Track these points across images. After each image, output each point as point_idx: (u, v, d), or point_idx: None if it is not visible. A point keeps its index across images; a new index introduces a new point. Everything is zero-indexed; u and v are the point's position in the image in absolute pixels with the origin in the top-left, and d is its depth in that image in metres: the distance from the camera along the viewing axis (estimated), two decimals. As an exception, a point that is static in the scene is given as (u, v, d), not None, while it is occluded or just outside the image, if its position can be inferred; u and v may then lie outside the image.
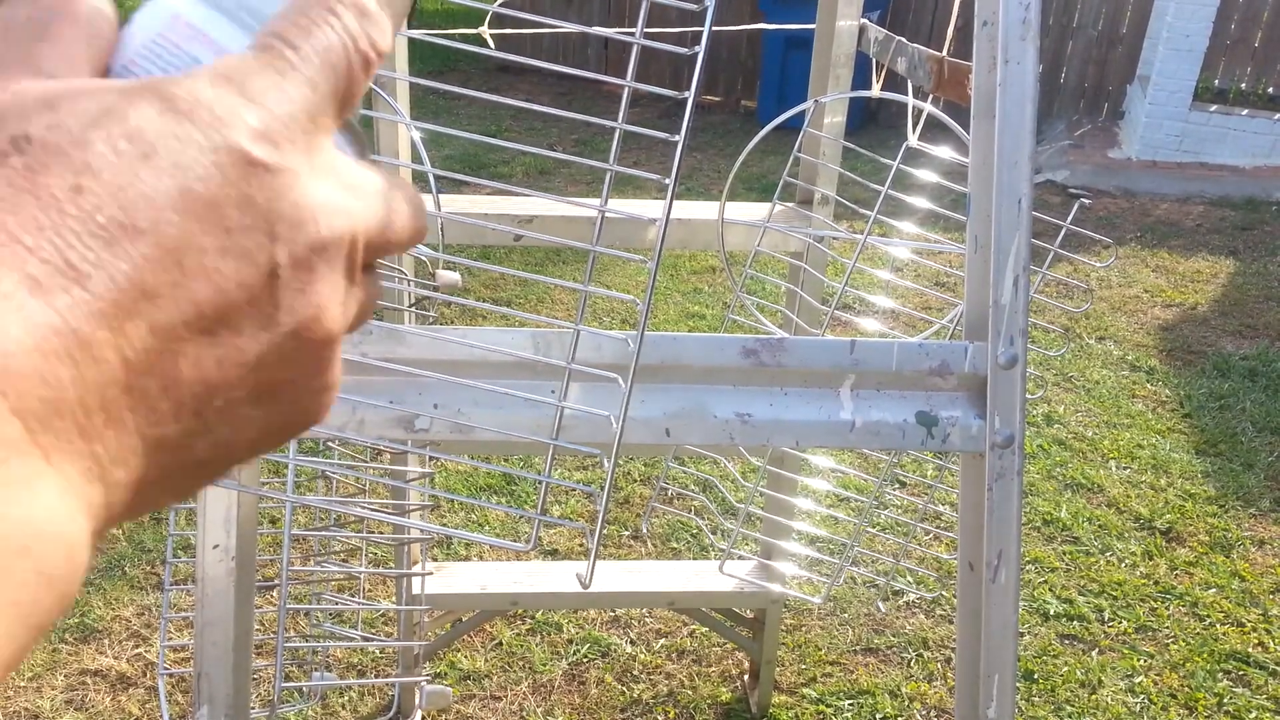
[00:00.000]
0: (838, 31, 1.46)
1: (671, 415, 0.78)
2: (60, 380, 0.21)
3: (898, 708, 2.11)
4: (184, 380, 0.24)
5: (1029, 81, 0.78)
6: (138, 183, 0.23)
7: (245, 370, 0.25)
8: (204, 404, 0.24)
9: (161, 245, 0.23)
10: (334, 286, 0.27)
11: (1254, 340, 3.87)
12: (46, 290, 0.21)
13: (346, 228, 0.27)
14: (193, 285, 0.23)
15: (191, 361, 0.24)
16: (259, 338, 0.25)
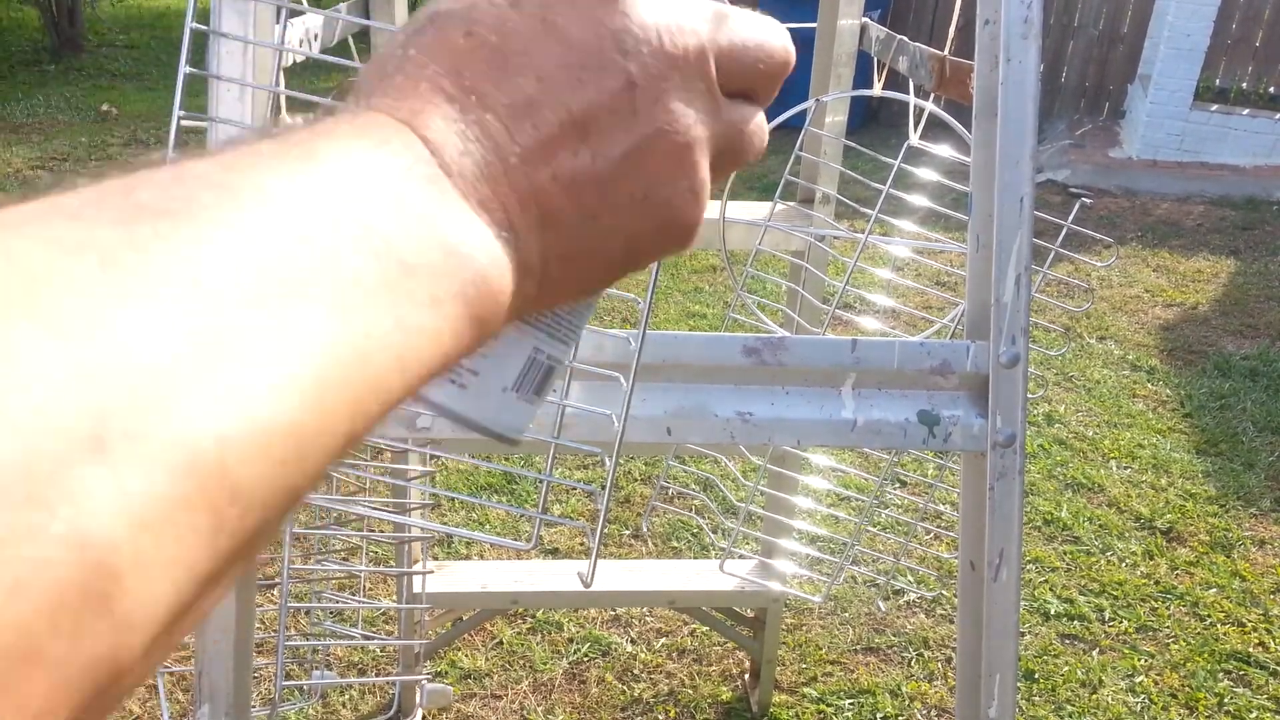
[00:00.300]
0: (839, 30, 1.46)
1: (673, 414, 0.78)
2: (475, 158, 0.28)
3: (898, 707, 2.11)
4: (565, 167, 0.29)
5: (1030, 80, 0.78)
6: (511, 22, 0.29)
7: (615, 164, 0.30)
8: (587, 191, 0.30)
9: (535, 66, 0.29)
10: (689, 98, 0.31)
11: (1255, 340, 3.87)
12: (456, 101, 0.28)
13: (694, 44, 0.31)
14: (563, 94, 0.29)
15: (570, 153, 0.29)
16: (623, 138, 0.30)
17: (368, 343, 0.23)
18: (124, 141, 5.71)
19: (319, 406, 0.21)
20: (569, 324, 0.38)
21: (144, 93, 6.88)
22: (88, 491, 0.16)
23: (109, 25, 8.60)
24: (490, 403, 0.37)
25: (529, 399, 0.38)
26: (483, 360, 0.36)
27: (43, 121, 6.05)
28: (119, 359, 0.18)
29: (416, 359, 0.25)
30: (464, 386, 0.36)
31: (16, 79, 7.00)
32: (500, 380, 0.37)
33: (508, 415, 0.37)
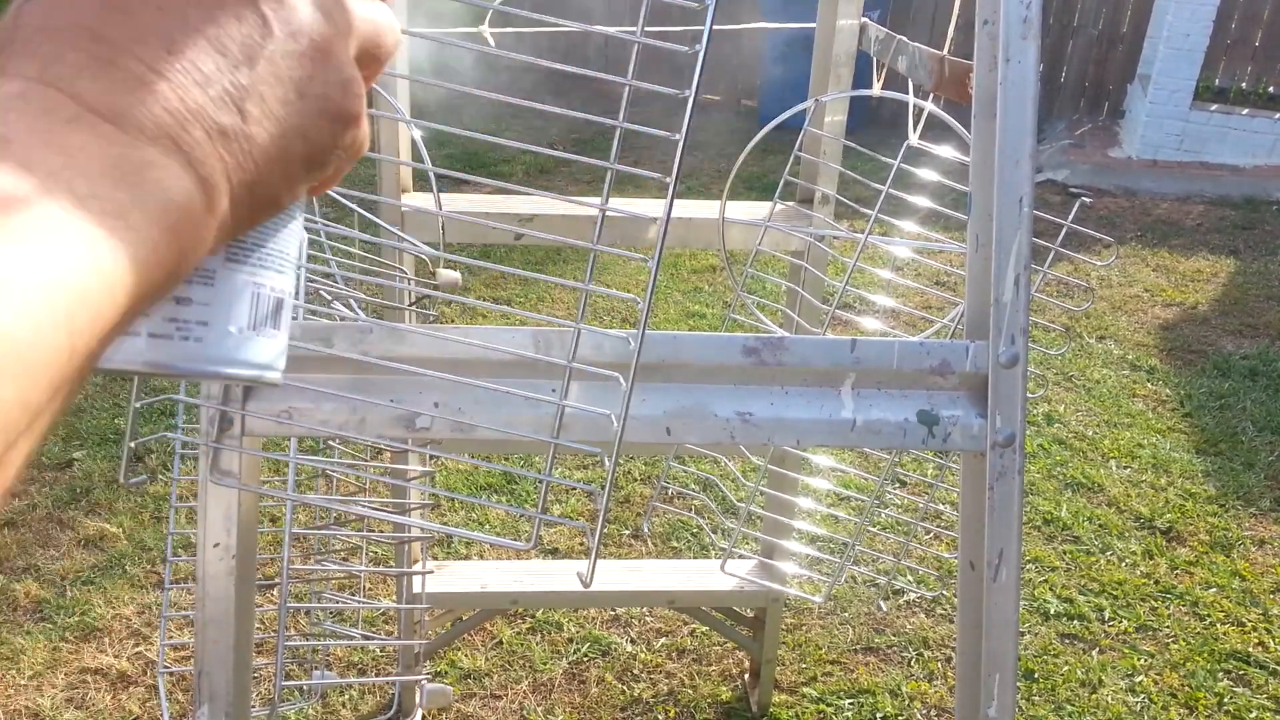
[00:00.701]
0: (838, 30, 1.46)
1: (672, 414, 0.78)
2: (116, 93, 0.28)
3: (898, 707, 2.11)
4: (216, 81, 0.30)
5: (1030, 80, 0.78)
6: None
7: (260, 72, 0.32)
8: (241, 102, 0.31)
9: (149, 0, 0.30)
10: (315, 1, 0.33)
11: (1254, 339, 3.87)
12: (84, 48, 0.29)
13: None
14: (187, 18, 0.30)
15: (214, 68, 0.30)
16: (261, 45, 0.32)
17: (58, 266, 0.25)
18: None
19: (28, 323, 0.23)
20: (279, 253, 0.39)
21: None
22: None
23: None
24: (228, 346, 0.38)
25: (268, 335, 0.39)
26: (206, 309, 0.37)
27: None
28: None
29: (118, 274, 0.26)
30: (200, 340, 0.37)
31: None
32: (231, 322, 0.37)
33: (249, 353, 0.38)
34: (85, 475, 2.69)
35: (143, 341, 0.36)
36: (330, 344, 0.74)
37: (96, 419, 2.94)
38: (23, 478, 1.31)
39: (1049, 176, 5.62)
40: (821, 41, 1.49)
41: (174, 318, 0.36)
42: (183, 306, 0.36)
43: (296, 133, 0.33)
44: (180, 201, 0.29)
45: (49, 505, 2.57)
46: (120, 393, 3.07)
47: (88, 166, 0.27)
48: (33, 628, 2.19)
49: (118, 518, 2.54)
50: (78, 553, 2.42)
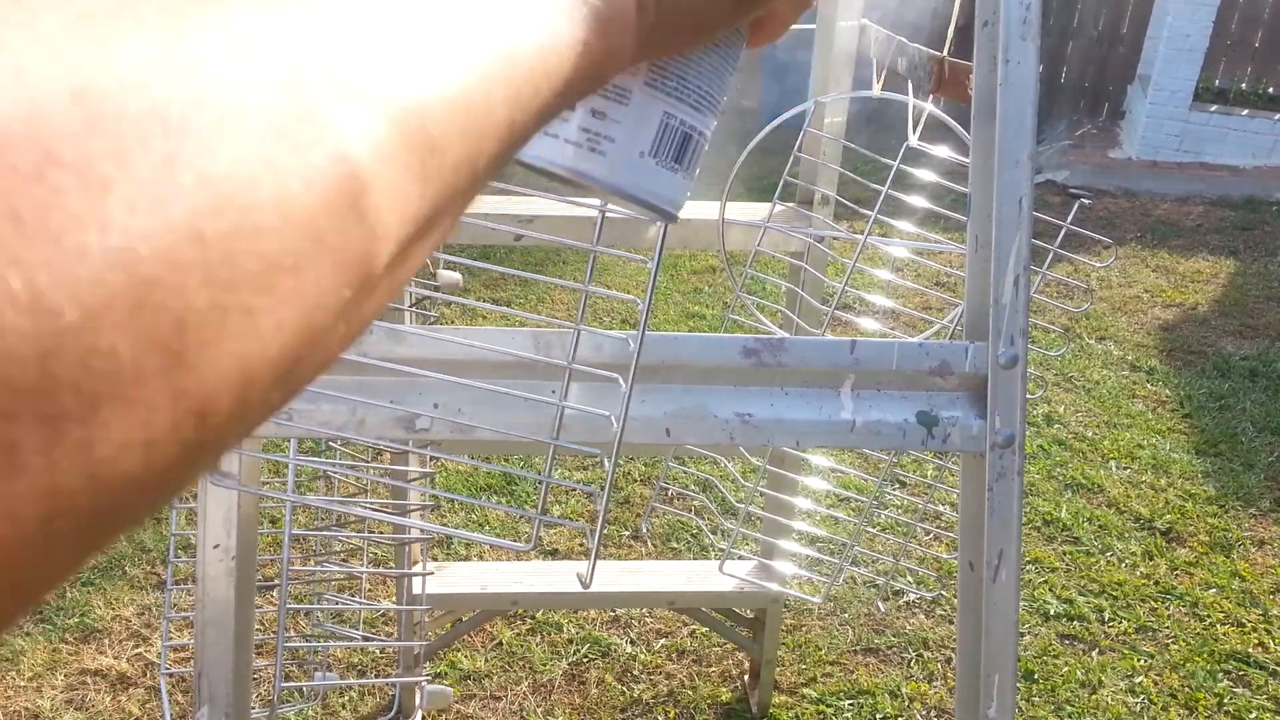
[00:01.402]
0: (838, 31, 1.46)
1: (672, 415, 0.78)
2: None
3: (898, 708, 2.11)
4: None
5: (1029, 81, 0.78)
6: None
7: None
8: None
9: None
10: None
11: (1254, 340, 3.87)
12: None
13: None
14: None
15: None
16: None
17: (523, 43, 0.26)
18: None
19: (486, 89, 0.24)
20: (698, 87, 0.39)
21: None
22: (340, 122, 0.20)
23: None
24: (630, 168, 0.38)
25: (670, 167, 0.39)
26: (617, 125, 0.38)
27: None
28: (347, 34, 0.21)
29: (559, 64, 0.27)
30: (604, 153, 0.38)
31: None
32: (637, 145, 0.38)
33: (649, 181, 0.39)
34: (85, 476, 2.69)
35: (557, 143, 0.37)
36: (330, 345, 0.74)
37: (96, 420, 2.94)
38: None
39: (1049, 177, 5.62)
40: (821, 42, 1.49)
41: (586, 128, 0.37)
42: (596, 119, 0.37)
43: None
44: (621, 4, 0.29)
45: (49, 506, 2.57)
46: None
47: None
48: (32, 629, 2.19)
49: (117, 519, 2.53)
50: (77, 554, 2.42)
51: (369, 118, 0.21)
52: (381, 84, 0.22)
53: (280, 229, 0.19)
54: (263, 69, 0.19)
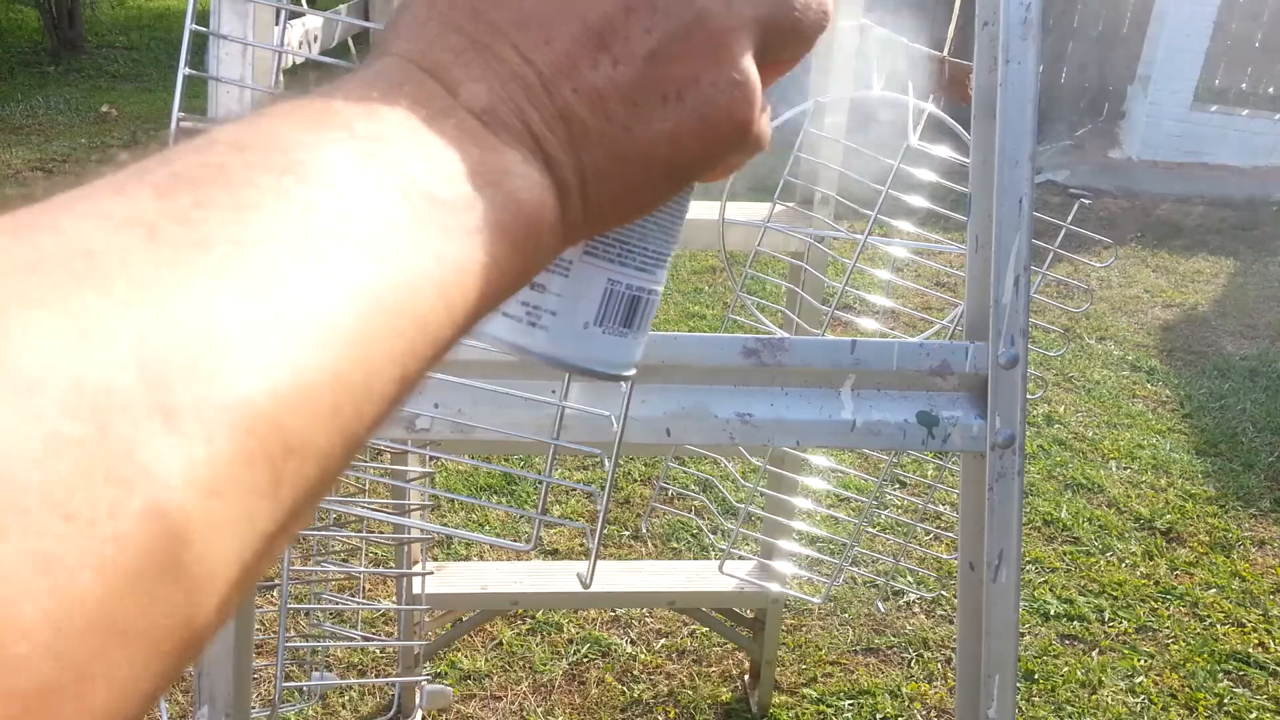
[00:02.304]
0: (838, 31, 1.46)
1: (672, 415, 0.78)
2: (490, 85, 0.27)
3: (898, 708, 2.11)
4: (587, 81, 0.28)
5: (1030, 81, 0.78)
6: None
7: (639, 70, 0.29)
8: (613, 100, 0.29)
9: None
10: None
11: (1254, 340, 3.87)
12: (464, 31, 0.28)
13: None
14: (573, 7, 0.28)
15: (590, 65, 0.28)
16: (645, 39, 0.29)
17: (409, 282, 0.23)
18: (124, 143, 5.71)
19: (365, 352, 0.22)
20: (642, 249, 0.37)
21: (143, 94, 6.88)
22: (160, 463, 0.17)
23: (108, 27, 8.61)
24: (574, 340, 0.37)
25: (618, 332, 0.37)
26: (558, 299, 0.36)
27: (42, 123, 6.05)
28: (176, 328, 0.19)
29: (461, 293, 0.25)
30: (546, 328, 0.36)
31: (16, 80, 7.00)
32: (580, 316, 0.36)
33: (596, 350, 0.37)
34: (85, 476, 2.69)
35: (498, 318, 0.36)
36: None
37: (96, 420, 2.94)
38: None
39: (1049, 177, 5.62)
40: (821, 42, 1.49)
41: (526, 302, 0.36)
42: (535, 292, 0.36)
43: (669, 139, 0.30)
44: (532, 211, 0.27)
45: (49, 506, 2.57)
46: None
47: (449, 169, 0.25)
48: (32, 628, 2.19)
49: (117, 518, 2.54)
50: (77, 553, 2.42)
51: (199, 445, 0.18)
52: (223, 388, 0.19)
53: (51, 647, 0.16)
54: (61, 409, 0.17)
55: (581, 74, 0.28)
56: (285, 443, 0.20)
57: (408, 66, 0.27)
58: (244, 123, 0.24)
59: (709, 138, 0.30)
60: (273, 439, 0.19)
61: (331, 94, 0.26)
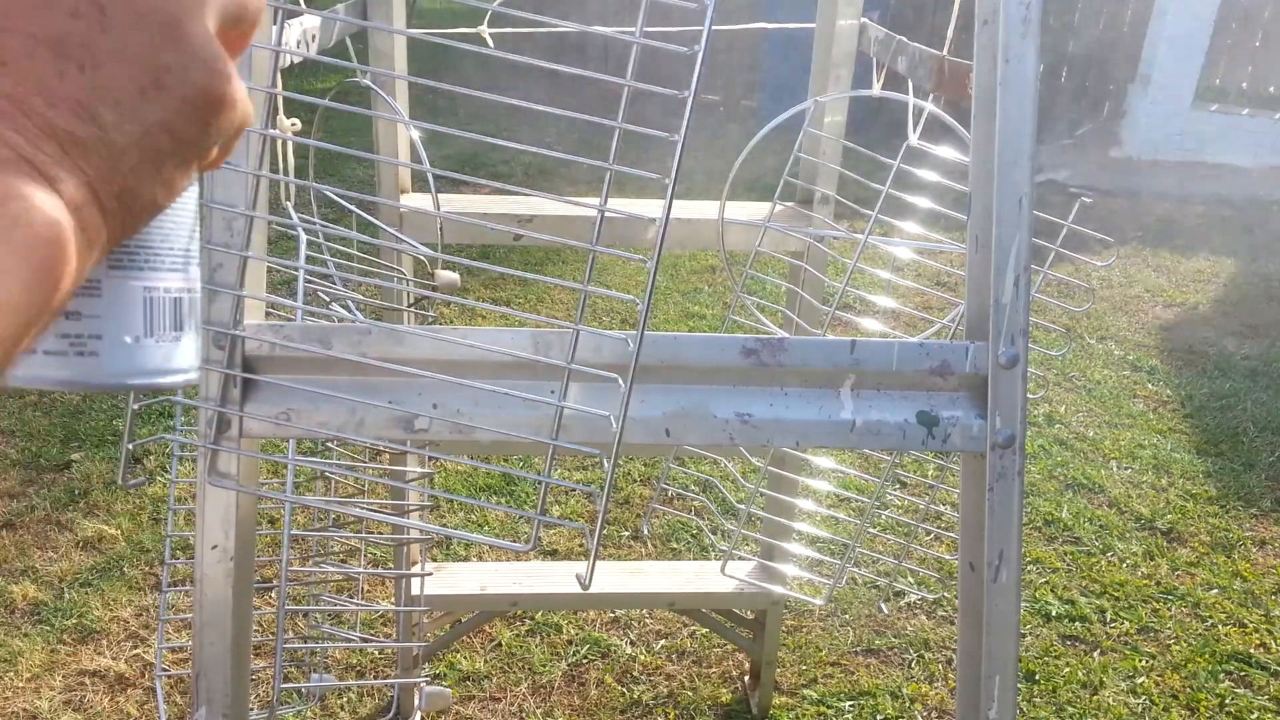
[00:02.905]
0: (838, 30, 1.46)
1: (671, 415, 0.77)
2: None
3: (899, 709, 2.10)
4: (58, 92, 0.28)
5: (1030, 81, 0.77)
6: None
7: (108, 69, 0.29)
8: (96, 103, 0.29)
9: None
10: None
11: (1255, 340, 3.87)
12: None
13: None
14: (24, 20, 0.28)
15: (56, 76, 0.28)
16: (103, 40, 0.29)
17: None
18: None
19: None
20: (169, 250, 0.36)
21: (143, 94, 6.87)
22: None
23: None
24: (127, 359, 0.35)
25: (173, 338, 0.37)
26: (98, 321, 0.35)
27: (42, 123, 6.04)
28: None
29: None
30: (95, 354, 0.35)
31: (16, 81, 6.99)
32: (128, 332, 0.35)
33: (154, 362, 0.36)
34: (83, 477, 2.68)
35: (39, 359, 0.34)
36: (329, 345, 0.74)
37: (94, 420, 2.93)
38: (20, 479, 1.30)
39: (1049, 176, 5.61)
40: (821, 42, 1.49)
41: (66, 333, 0.34)
42: (73, 321, 0.34)
43: (161, 129, 0.30)
44: (46, 233, 0.27)
45: (47, 507, 2.56)
46: (119, 394, 3.07)
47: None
48: (30, 630, 2.19)
49: (116, 519, 2.53)
50: (76, 554, 2.41)
51: None
52: None
53: None
54: None
55: (51, 87, 0.28)
56: None
57: None
58: None
59: (198, 117, 0.31)
60: None
61: None
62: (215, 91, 0.31)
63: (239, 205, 0.72)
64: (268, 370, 0.75)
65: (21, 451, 2.78)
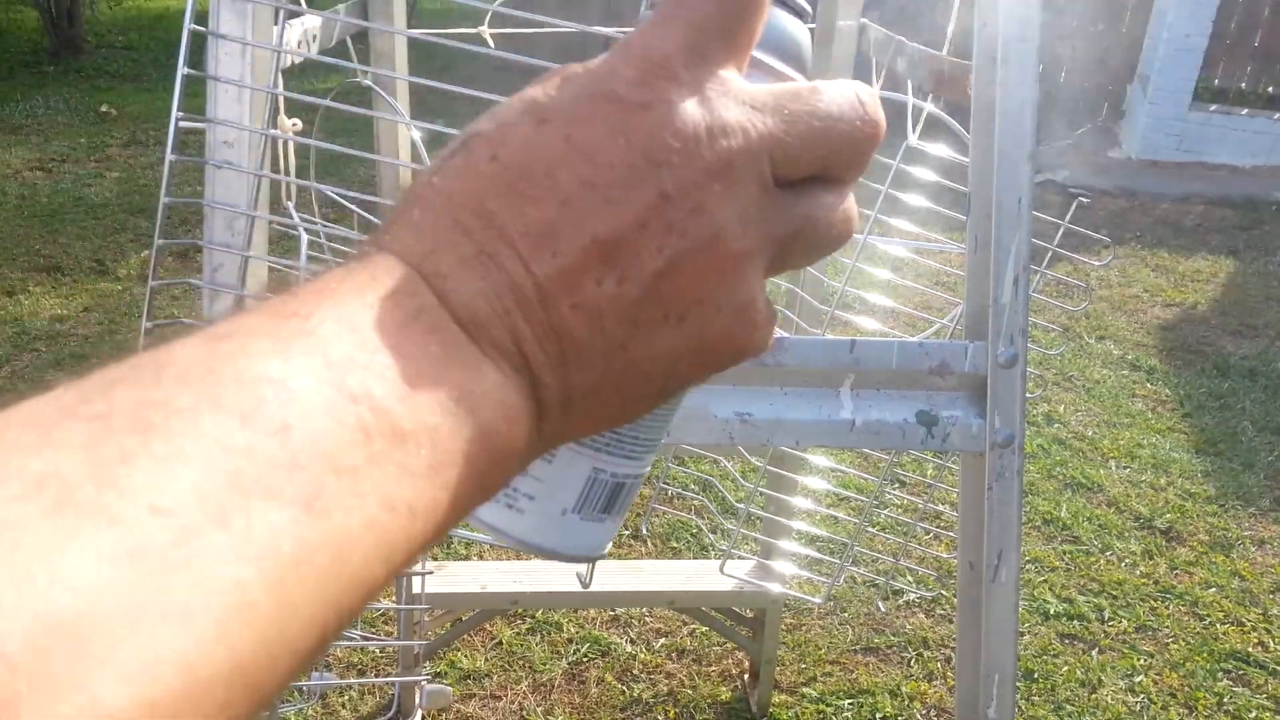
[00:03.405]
0: (837, 31, 1.46)
1: (671, 415, 0.78)
2: (488, 296, 0.26)
3: (898, 707, 2.11)
4: (588, 297, 0.27)
5: (1028, 81, 0.78)
6: (535, 142, 0.27)
7: (645, 288, 0.27)
8: (612, 318, 0.27)
9: (559, 188, 0.27)
10: (735, 203, 0.28)
11: (1254, 340, 3.87)
12: (473, 235, 0.27)
13: (740, 144, 0.28)
14: (587, 218, 0.27)
15: (594, 281, 0.27)
16: (654, 259, 0.27)
17: (345, 536, 0.22)
18: (123, 142, 5.71)
19: (277, 631, 0.20)
20: (633, 439, 0.35)
21: (143, 94, 6.88)
22: None
23: (108, 27, 8.61)
24: (549, 526, 0.35)
25: (596, 519, 0.35)
26: (538, 484, 0.34)
27: (42, 122, 6.05)
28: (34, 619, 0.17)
29: (406, 538, 0.24)
30: (522, 512, 0.34)
31: (15, 80, 7.00)
32: (558, 503, 0.34)
33: (573, 537, 0.35)
34: (85, 476, 2.69)
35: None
36: (330, 345, 0.74)
37: (96, 420, 2.94)
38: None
39: (1048, 177, 5.62)
40: (821, 42, 1.49)
41: (512, 484, 0.34)
42: (521, 475, 0.33)
43: (664, 358, 0.28)
44: (503, 439, 0.26)
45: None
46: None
47: (422, 399, 0.24)
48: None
49: (117, 518, 2.53)
50: (77, 553, 2.42)
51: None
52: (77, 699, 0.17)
53: None
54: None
55: (584, 290, 0.27)
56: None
57: (404, 272, 0.26)
58: (210, 338, 0.23)
59: (707, 359, 0.29)
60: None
61: (316, 301, 0.25)
62: (737, 342, 0.29)
63: (240, 205, 0.72)
64: (270, 369, 0.75)
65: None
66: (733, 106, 0.28)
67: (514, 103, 0.29)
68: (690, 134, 0.27)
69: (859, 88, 0.32)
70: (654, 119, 0.27)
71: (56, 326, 3.49)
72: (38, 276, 3.89)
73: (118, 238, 4.31)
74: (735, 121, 0.28)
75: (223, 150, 0.73)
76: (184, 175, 1.77)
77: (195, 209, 0.88)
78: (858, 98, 0.31)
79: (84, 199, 4.76)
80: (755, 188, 0.28)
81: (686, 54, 0.28)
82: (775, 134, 0.29)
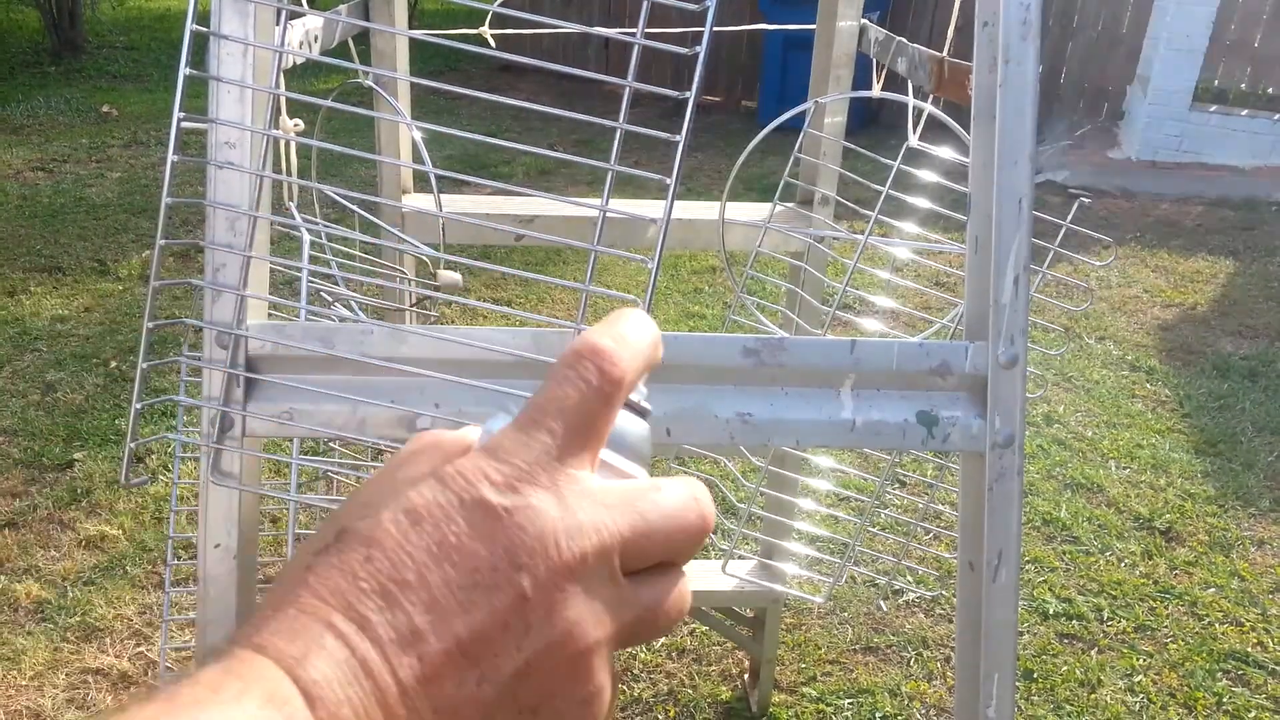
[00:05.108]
0: (838, 32, 1.46)
1: (672, 415, 0.78)
2: (355, 702, 0.28)
3: (897, 707, 2.11)
4: (449, 697, 0.29)
5: (1029, 82, 0.78)
6: (407, 545, 0.30)
7: (502, 689, 0.29)
8: (470, 717, 0.29)
9: (424, 592, 0.29)
10: (589, 599, 0.31)
11: (1254, 340, 3.87)
12: (344, 638, 0.28)
13: (593, 544, 0.31)
14: (451, 622, 0.29)
15: (455, 682, 0.29)
16: (513, 657, 0.30)
17: None
18: (124, 143, 5.71)
19: None
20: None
21: (144, 94, 6.88)
22: None
23: (109, 27, 8.61)
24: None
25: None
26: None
27: (43, 123, 6.05)
28: None
29: None
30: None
31: (16, 80, 7.00)
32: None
33: None
34: (86, 476, 2.69)
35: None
36: (331, 345, 0.74)
37: (97, 420, 2.94)
38: (23, 478, 1.31)
39: (1048, 177, 5.62)
40: (821, 43, 1.50)
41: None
42: None
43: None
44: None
45: (49, 506, 2.57)
46: (121, 394, 3.08)
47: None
48: (34, 628, 2.19)
49: (118, 518, 2.54)
50: (78, 553, 2.42)
51: None
52: None
53: None
54: None
55: (444, 691, 0.29)
56: None
57: (279, 677, 0.28)
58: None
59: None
60: None
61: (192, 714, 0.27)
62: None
63: (242, 205, 0.73)
64: (270, 370, 0.75)
65: (24, 451, 2.78)
66: (587, 507, 0.31)
67: (385, 491, 0.31)
68: (550, 535, 0.30)
69: (694, 485, 0.35)
70: (516, 524, 0.30)
71: (58, 326, 3.49)
72: (39, 276, 3.89)
73: (119, 238, 4.31)
74: (590, 523, 0.31)
75: (224, 150, 0.73)
76: (185, 175, 1.77)
77: (197, 209, 0.88)
78: (693, 495, 0.34)
79: (85, 199, 4.76)
80: (606, 581, 0.31)
81: (545, 458, 0.31)
82: (624, 533, 0.32)
